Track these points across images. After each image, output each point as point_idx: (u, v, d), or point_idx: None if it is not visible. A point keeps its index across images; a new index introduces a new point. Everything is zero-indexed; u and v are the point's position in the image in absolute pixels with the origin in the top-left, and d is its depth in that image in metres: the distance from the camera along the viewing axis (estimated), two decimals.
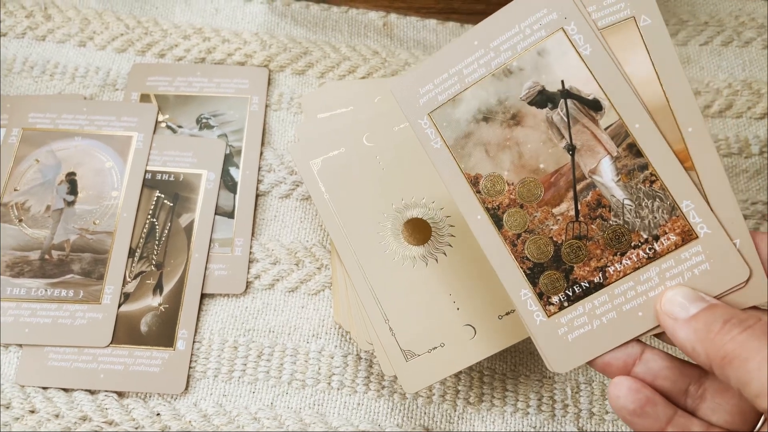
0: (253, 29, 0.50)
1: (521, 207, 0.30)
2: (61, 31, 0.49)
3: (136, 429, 0.38)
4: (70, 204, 0.43)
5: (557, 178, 0.30)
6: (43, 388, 0.39)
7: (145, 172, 0.44)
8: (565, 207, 0.30)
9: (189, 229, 0.42)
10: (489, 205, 0.31)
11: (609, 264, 0.29)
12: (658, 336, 0.29)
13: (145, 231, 0.42)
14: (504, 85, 0.30)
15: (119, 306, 0.40)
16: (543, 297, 0.30)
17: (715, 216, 0.28)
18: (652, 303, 0.28)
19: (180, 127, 0.46)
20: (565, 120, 0.30)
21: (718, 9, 0.52)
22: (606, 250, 0.29)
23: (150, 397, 0.39)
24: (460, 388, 0.39)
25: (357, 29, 0.50)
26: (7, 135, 0.44)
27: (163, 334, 0.40)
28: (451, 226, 0.40)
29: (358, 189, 0.40)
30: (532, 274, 0.30)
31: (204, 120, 0.46)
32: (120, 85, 0.47)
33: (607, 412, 0.39)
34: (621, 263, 0.29)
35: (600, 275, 0.29)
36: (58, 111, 0.45)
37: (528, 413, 0.39)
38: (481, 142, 0.31)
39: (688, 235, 0.28)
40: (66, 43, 0.48)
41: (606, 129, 0.29)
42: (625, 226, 0.29)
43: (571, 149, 0.30)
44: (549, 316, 0.30)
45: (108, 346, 0.39)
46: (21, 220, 0.42)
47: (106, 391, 0.39)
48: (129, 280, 0.41)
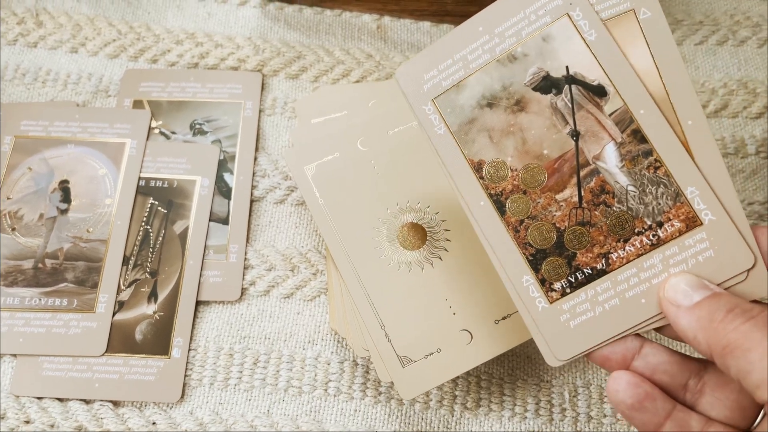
0: (246, 33, 0.49)
1: (524, 193, 0.30)
2: (52, 37, 0.48)
3: None
4: (64, 212, 0.42)
5: (561, 164, 0.30)
6: (38, 399, 0.38)
7: (139, 179, 0.44)
8: (569, 193, 0.30)
9: (183, 236, 0.42)
10: (492, 191, 0.30)
11: (612, 250, 0.29)
12: (659, 330, 0.29)
13: (139, 238, 0.42)
14: (508, 70, 0.30)
15: (114, 314, 0.40)
16: (545, 283, 0.30)
17: (720, 202, 0.28)
18: (655, 290, 0.28)
19: (173, 133, 0.46)
20: (570, 106, 0.30)
21: (713, 8, 0.51)
22: (609, 237, 0.29)
23: (145, 405, 0.39)
24: (457, 393, 0.39)
25: (350, 32, 0.50)
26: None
27: (158, 342, 0.40)
28: (447, 231, 0.40)
29: (352, 194, 0.40)
30: (535, 261, 0.30)
31: (197, 126, 0.46)
32: (112, 91, 0.47)
33: (605, 416, 0.39)
34: (624, 250, 0.29)
35: (603, 262, 0.29)
36: (51, 118, 0.45)
37: (526, 417, 0.39)
38: (485, 127, 0.31)
39: (692, 222, 0.28)
40: (58, 50, 0.48)
41: (610, 115, 0.29)
42: (629, 212, 0.29)
43: (575, 135, 0.30)
44: (551, 303, 0.29)
45: (103, 355, 0.39)
46: (14, 229, 0.42)
47: (102, 400, 0.38)
48: (123, 288, 0.41)
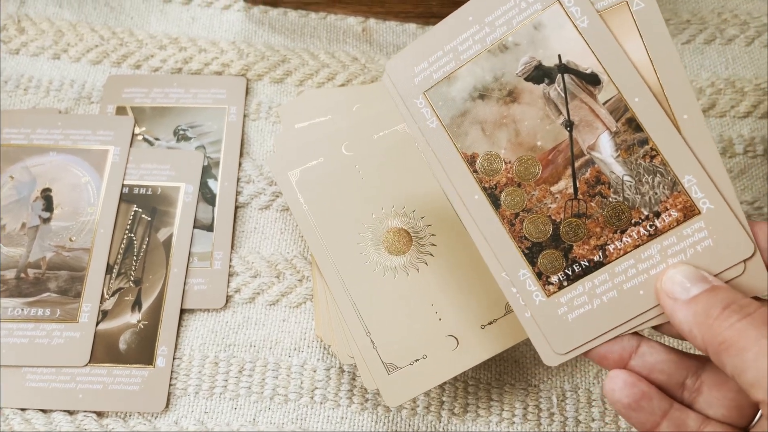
0: (230, 38, 0.49)
1: (519, 186, 0.30)
2: (34, 44, 0.48)
3: None
4: (46, 221, 0.42)
5: (555, 155, 0.29)
6: (21, 410, 0.38)
7: (122, 186, 0.43)
8: (564, 185, 0.29)
9: (167, 243, 0.42)
10: (486, 185, 0.30)
11: (609, 242, 0.28)
12: (657, 328, 0.28)
13: (122, 246, 0.42)
14: (500, 61, 0.30)
15: (97, 324, 0.40)
16: (542, 277, 0.29)
17: (718, 191, 0.27)
18: (653, 281, 0.27)
19: (157, 139, 0.45)
20: (563, 95, 0.29)
21: (700, 6, 0.51)
22: (606, 228, 0.28)
23: (130, 416, 0.38)
24: (444, 398, 0.39)
25: (336, 35, 0.49)
26: None
27: (142, 351, 0.39)
28: (433, 235, 0.39)
29: (337, 199, 0.40)
30: (531, 254, 0.29)
31: (181, 132, 0.45)
32: (95, 97, 0.46)
33: (593, 420, 0.38)
34: (621, 241, 0.28)
35: (600, 253, 0.28)
36: (33, 126, 0.44)
37: (514, 422, 0.38)
38: (477, 120, 0.30)
39: (690, 211, 0.27)
40: (40, 56, 0.48)
41: (604, 104, 0.29)
42: (625, 202, 0.28)
43: (568, 125, 0.29)
44: (548, 296, 0.29)
45: (86, 365, 0.39)
46: None
47: (85, 411, 0.38)
48: (107, 297, 0.40)
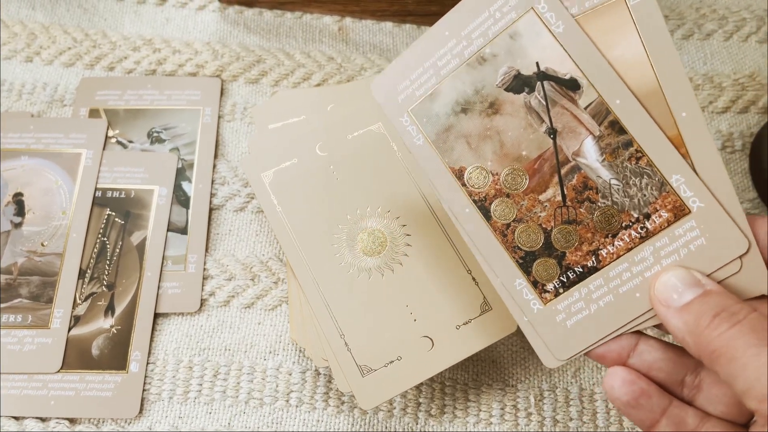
0: (205, 38, 0.48)
1: (508, 196, 0.30)
2: (7, 47, 0.47)
3: None
4: (18, 226, 0.41)
5: (541, 163, 0.29)
6: None
7: (95, 189, 0.43)
8: (552, 193, 0.29)
9: (141, 247, 0.41)
10: (476, 198, 0.30)
11: (601, 247, 0.28)
12: (658, 326, 0.28)
13: (95, 251, 0.41)
14: (479, 73, 0.30)
15: (69, 330, 0.39)
16: (538, 285, 0.29)
17: (707, 188, 0.27)
18: (648, 283, 0.27)
19: (131, 142, 0.45)
20: (544, 103, 0.29)
21: (678, 2, 0.51)
22: (597, 233, 0.28)
23: (103, 422, 0.38)
24: (421, 400, 0.39)
25: (312, 35, 0.49)
26: None
27: (115, 356, 0.39)
28: (408, 236, 0.39)
29: (311, 200, 0.40)
30: (525, 263, 0.29)
31: (155, 134, 0.45)
32: (68, 100, 0.46)
33: (570, 419, 0.38)
34: (613, 245, 0.28)
35: (593, 259, 0.28)
36: (4, 130, 0.44)
37: (491, 423, 0.38)
38: (462, 134, 0.30)
39: (680, 211, 0.27)
40: (12, 60, 0.47)
41: (586, 108, 0.29)
42: (614, 206, 0.28)
43: (552, 133, 0.29)
44: (545, 304, 0.29)
45: (58, 371, 0.38)
46: None
47: (58, 418, 0.38)
48: (79, 302, 0.40)
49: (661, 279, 0.27)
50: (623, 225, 0.28)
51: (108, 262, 0.41)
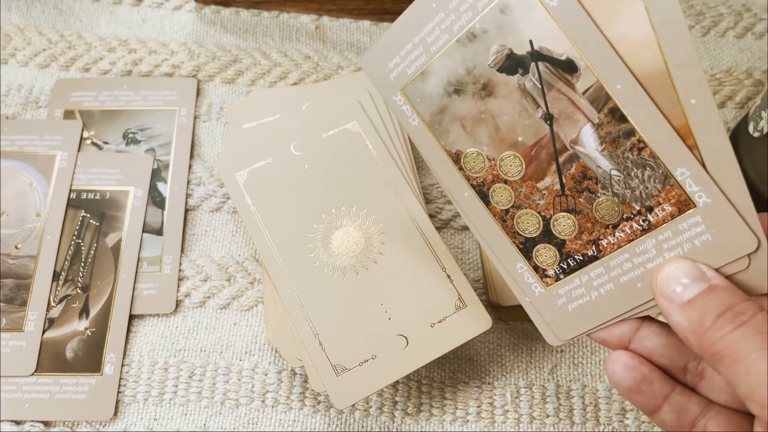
0: (181, 39, 0.48)
1: (505, 182, 0.29)
2: None
3: None
4: None
5: (538, 150, 0.28)
6: None
7: (70, 191, 0.42)
8: (550, 181, 0.28)
9: (116, 248, 0.41)
10: (473, 182, 0.29)
11: (601, 237, 0.27)
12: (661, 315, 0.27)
13: (70, 253, 0.41)
14: (470, 51, 0.27)
15: (43, 332, 0.39)
16: (539, 270, 0.29)
17: (716, 183, 0.24)
18: (650, 274, 0.26)
19: (106, 143, 0.44)
20: (539, 86, 0.27)
21: None
22: (597, 223, 0.27)
23: (78, 425, 0.38)
24: (397, 398, 0.39)
25: (288, 34, 0.49)
26: None
27: (90, 359, 0.39)
28: (383, 234, 0.39)
29: (286, 200, 0.39)
30: (525, 248, 0.29)
31: (131, 135, 0.45)
32: (43, 102, 0.46)
33: (547, 416, 0.38)
34: (614, 236, 0.27)
35: (593, 248, 0.28)
36: None
37: (468, 421, 0.38)
38: (456, 116, 0.29)
39: (684, 205, 0.25)
40: None
41: (584, 93, 0.26)
42: (614, 198, 0.27)
43: (548, 119, 0.27)
44: (546, 288, 0.29)
45: (32, 374, 0.38)
46: None
47: (32, 420, 0.37)
48: (53, 304, 0.40)
49: (664, 271, 0.25)
50: (624, 217, 0.27)
51: (83, 264, 0.41)
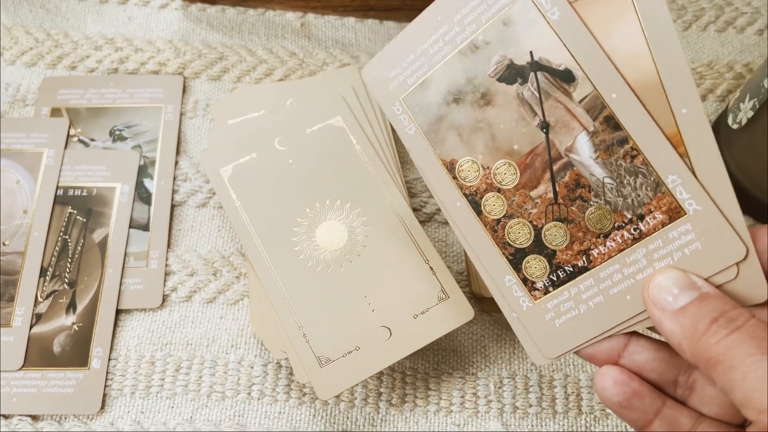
0: (168, 36, 0.49)
1: (499, 191, 0.29)
2: None
3: None
4: None
5: (533, 159, 0.28)
6: None
7: (57, 188, 0.43)
8: (543, 189, 0.28)
9: (103, 244, 0.42)
10: (467, 191, 0.29)
11: (592, 246, 0.27)
12: (649, 329, 0.27)
13: (57, 249, 0.41)
14: (471, 62, 0.29)
15: (31, 327, 0.39)
16: (527, 282, 0.29)
17: (705, 191, 0.25)
18: (640, 286, 0.26)
19: (93, 140, 0.45)
20: (537, 95, 0.28)
21: None
22: (588, 233, 0.27)
23: (65, 418, 0.38)
24: (382, 390, 0.39)
25: (274, 31, 0.49)
26: None
27: (77, 353, 0.39)
28: (367, 227, 0.39)
29: (271, 194, 0.40)
30: (515, 260, 0.29)
31: (117, 132, 0.45)
32: (30, 100, 0.46)
33: (530, 405, 0.39)
34: (605, 245, 0.27)
35: (584, 259, 0.28)
36: None
37: (451, 411, 0.39)
38: (454, 125, 0.29)
39: (675, 213, 0.26)
40: None
41: (581, 102, 0.27)
42: (607, 206, 0.27)
43: (544, 127, 0.28)
44: (535, 301, 0.28)
45: (20, 369, 0.38)
46: None
47: (20, 414, 0.38)
48: (41, 300, 0.40)
49: (655, 280, 0.25)
50: (616, 225, 0.27)
51: (69, 260, 0.41)
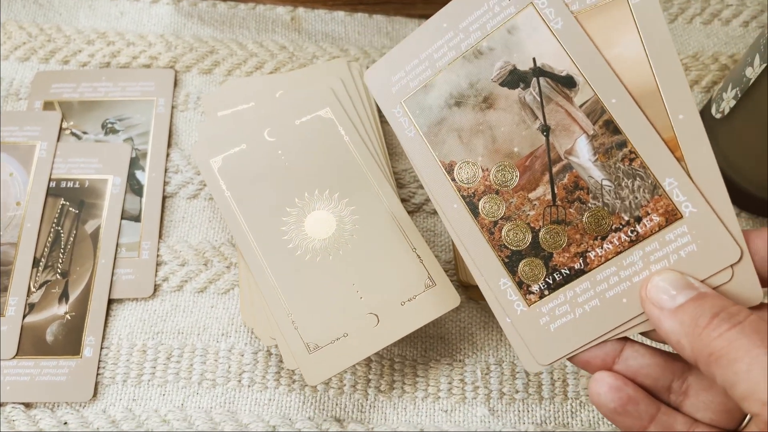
0: (159, 31, 0.49)
1: (497, 193, 0.29)
2: None
3: None
4: None
5: (532, 161, 0.29)
6: None
7: (50, 180, 0.43)
8: (542, 191, 0.29)
9: (95, 235, 0.42)
10: (464, 193, 0.30)
11: (589, 249, 0.28)
12: (645, 334, 0.27)
13: (49, 240, 0.42)
14: (475, 67, 0.29)
15: (24, 317, 0.40)
16: (523, 286, 0.29)
17: (701, 193, 0.26)
18: (636, 289, 0.27)
19: (85, 133, 0.45)
20: (538, 99, 0.29)
21: None
22: (586, 235, 0.28)
23: (58, 406, 0.38)
24: (371, 377, 0.40)
25: (264, 25, 0.50)
26: None
27: (69, 342, 0.39)
28: (355, 217, 0.40)
29: (260, 185, 0.40)
30: (511, 263, 0.29)
31: (109, 125, 0.46)
32: (23, 94, 0.46)
33: (517, 391, 0.39)
34: (602, 248, 0.27)
35: (581, 261, 0.28)
36: None
37: (439, 397, 0.39)
38: (454, 128, 0.30)
39: (672, 215, 0.26)
40: None
41: (581, 106, 0.28)
42: (605, 208, 0.27)
43: (545, 130, 0.29)
44: (529, 306, 0.28)
45: (13, 358, 0.39)
46: None
47: (14, 402, 0.38)
48: (34, 290, 0.40)
49: (653, 281, 0.26)
50: (613, 228, 0.27)
51: (62, 251, 0.42)
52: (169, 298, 0.41)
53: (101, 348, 0.40)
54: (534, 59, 0.29)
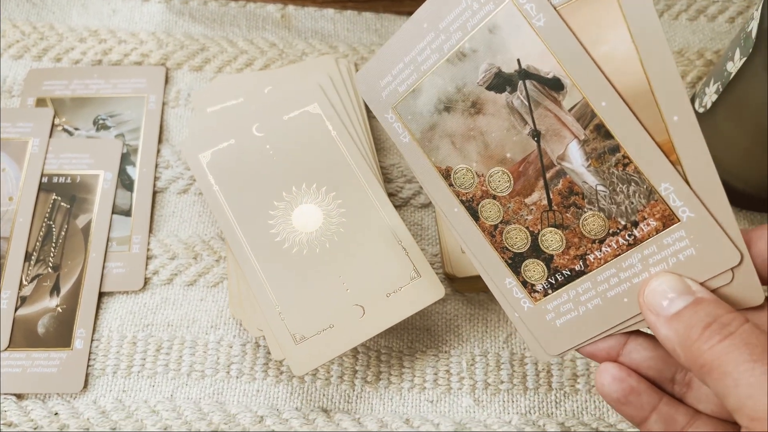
0: (151, 29, 0.50)
1: (494, 198, 0.29)
2: None
3: (35, 429, 0.38)
4: None
5: (525, 166, 0.28)
6: None
7: (42, 176, 0.44)
8: (537, 197, 0.28)
9: (86, 229, 0.43)
10: (463, 198, 0.30)
11: (588, 252, 0.28)
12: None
13: (41, 234, 0.42)
14: (459, 70, 0.28)
15: (16, 310, 0.40)
16: (527, 285, 0.29)
17: (699, 199, 0.25)
18: (636, 289, 0.27)
19: (77, 129, 0.46)
20: (526, 104, 0.27)
21: None
22: (584, 238, 0.28)
23: (49, 397, 0.39)
24: (357, 368, 0.40)
25: (255, 23, 0.50)
26: None
27: (60, 334, 0.40)
28: (342, 210, 0.40)
29: (249, 179, 0.41)
30: (514, 264, 0.29)
31: (101, 121, 0.46)
32: (16, 91, 0.47)
33: (501, 382, 0.40)
34: (601, 251, 0.27)
35: (581, 263, 0.28)
36: None
37: (425, 388, 0.40)
38: (447, 133, 0.29)
39: (669, 220, 0.26)
40: None
41: (570, 110, 0.27)
42: (601, 213, 0.27)
43: (535, 135, 0.28)
44: (535, 303, 0.29)
45: (5, 350, 0.40)
46: None
47: (5, 393, 0.39)
48: (26, 283, 0.41)
49: (650, 285, 0.26)
50: (610, 232, 0.27)
51: (54, 245, 0.42)
52: (159, 291, 0.42)
53: (92, 340, 0.40)
54: (518, 61, 0.27)
